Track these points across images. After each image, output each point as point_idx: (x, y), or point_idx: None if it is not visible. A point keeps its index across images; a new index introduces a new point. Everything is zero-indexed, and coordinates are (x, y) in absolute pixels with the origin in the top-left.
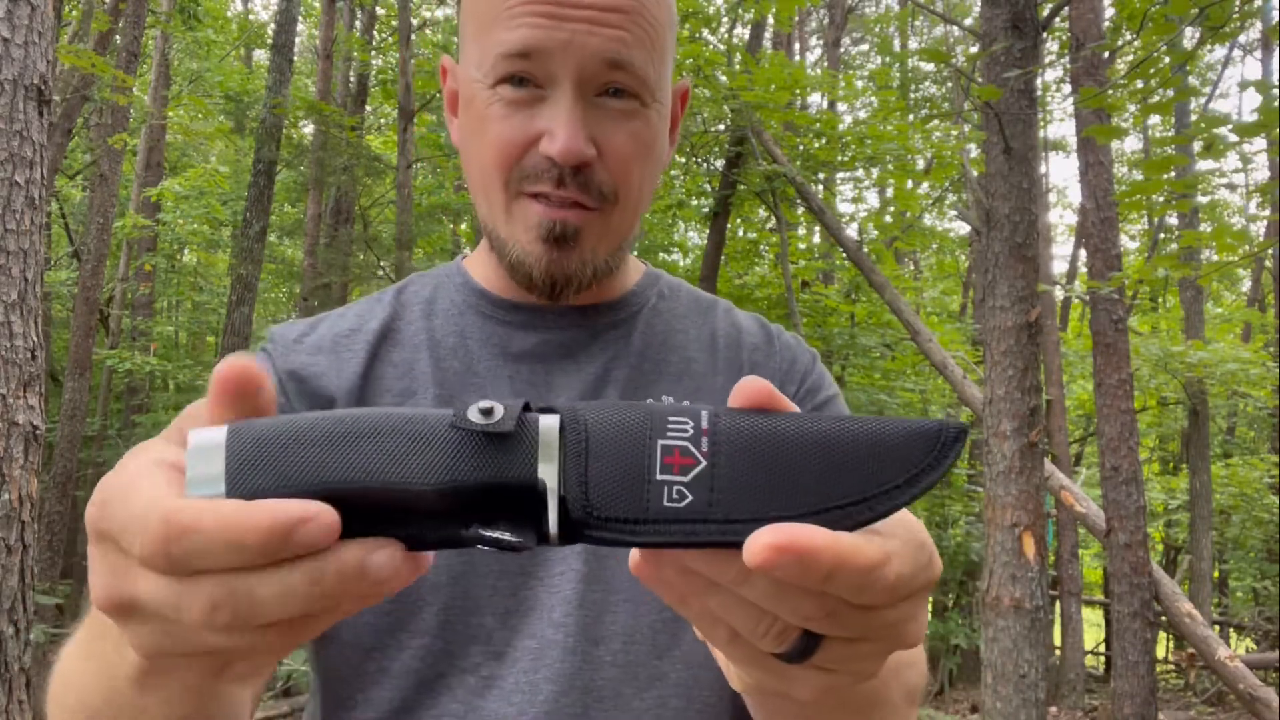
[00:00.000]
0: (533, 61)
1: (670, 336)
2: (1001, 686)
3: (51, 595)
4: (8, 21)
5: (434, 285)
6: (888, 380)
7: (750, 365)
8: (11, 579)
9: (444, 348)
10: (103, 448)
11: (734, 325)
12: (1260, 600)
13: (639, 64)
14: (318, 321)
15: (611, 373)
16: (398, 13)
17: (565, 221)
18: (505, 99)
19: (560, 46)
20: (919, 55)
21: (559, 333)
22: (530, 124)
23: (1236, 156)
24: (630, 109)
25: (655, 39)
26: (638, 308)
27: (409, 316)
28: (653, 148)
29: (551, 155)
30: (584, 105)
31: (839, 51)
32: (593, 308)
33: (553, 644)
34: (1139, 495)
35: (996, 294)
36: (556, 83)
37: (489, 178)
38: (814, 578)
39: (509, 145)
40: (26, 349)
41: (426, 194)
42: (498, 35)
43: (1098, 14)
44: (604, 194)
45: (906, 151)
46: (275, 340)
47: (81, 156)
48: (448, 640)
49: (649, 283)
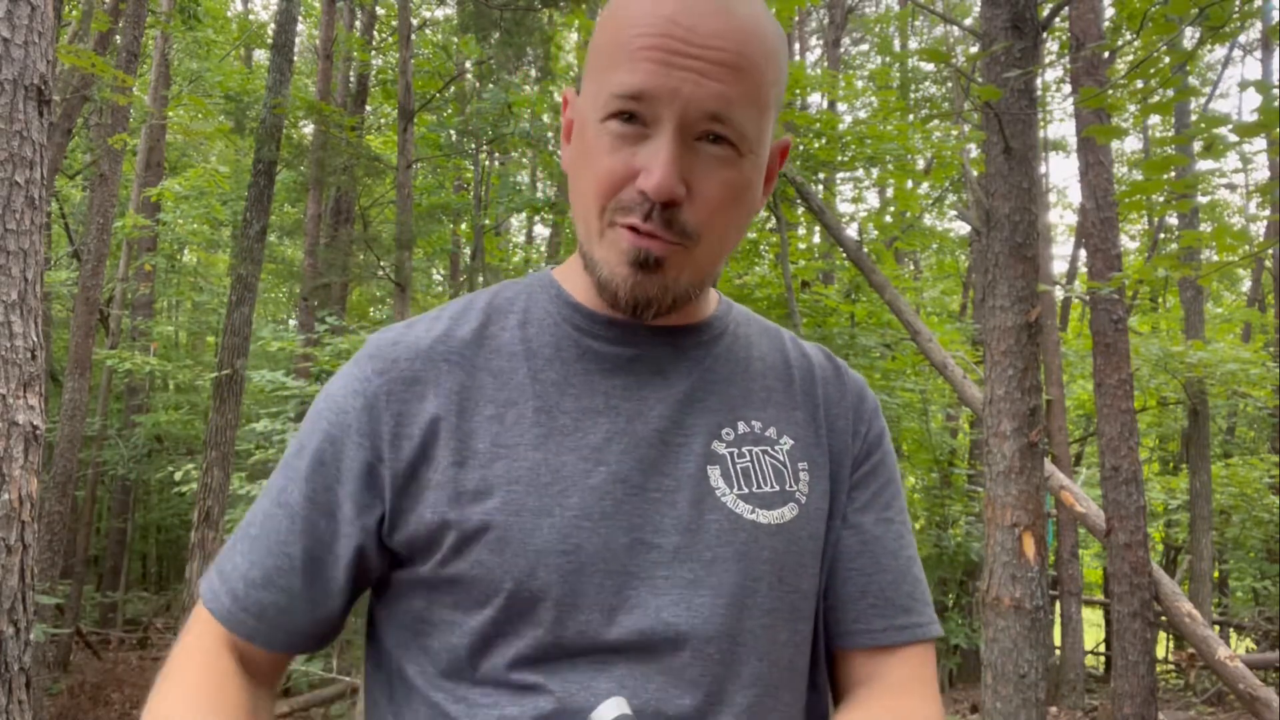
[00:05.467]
0: (642, 103)
1: (751, 363)
2: (1001, 686)
3: (51, 595)
4: (8, 21)
5: (527, 294)
6: (888, 380)
7: (825, 398)
8: (11, 579)
9: (540, 358)
10: (103, 448)
11: (804, 355)
12: (1260, 600)
13: (738, 118)
14: (414, 323)
15: (698, 391)
16: (398, 13)
17: (650, 250)
18: (613, 133)
19: (669, 93)
20: (919, 55)
21: (650, 348)
22: (631, 160)
23: (1236, 156)
24: (726, 156)
25: (759, 96)
26: (720, 331)
27: (504, 323)
28: (742, 195)
29: (645, 190)
30: (682, 148)
31: (839, 51)
32: (681, 329)
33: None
34: (1139, 495)
35: (996, 294)
36: (660, 124)
37: (589, 204)
38: None
39: (610, 176)
40: (26, 349)
41: (426, 194)
42: (615, 76)
43: (1098, 14)
44: (687, 232)
45: (906, 151)
46: (377, 352)
47: (81, 156)
48: (557, 634)
49: (726, 310)
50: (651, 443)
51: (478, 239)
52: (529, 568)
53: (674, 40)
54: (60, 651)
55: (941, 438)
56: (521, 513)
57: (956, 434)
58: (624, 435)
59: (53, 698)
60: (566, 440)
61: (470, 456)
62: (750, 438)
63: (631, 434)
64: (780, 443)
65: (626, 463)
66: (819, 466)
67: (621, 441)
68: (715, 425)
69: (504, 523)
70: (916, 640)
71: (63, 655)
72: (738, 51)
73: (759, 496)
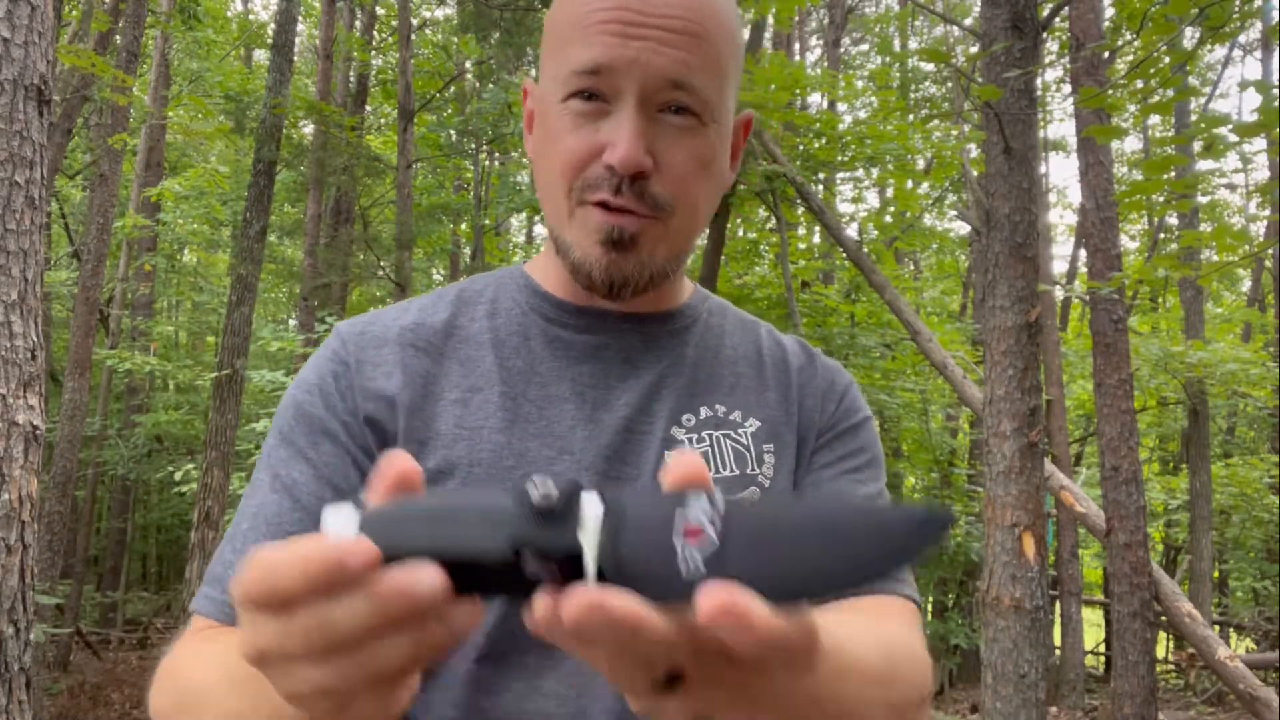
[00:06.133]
0: (601, 78)
1: (721, 350)
2: (1001, 686)
3: (51, 595)
4: (8, 21)
5: (496, 285)
6: (888, 380)
7: (799, 384)
8: (11, 579)
9: (508, 347)
10: (103, 448)
11: (778, 344)
12: (1260, 600)
13: (700, 86)
14: (381, 314)
15: (666, 379)
16: (398, 13)
17: (623, 227)
18: (574, 112)
19: (626, 64)
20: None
21: (618, 337)
22: (595, 136)
23: (1236, 156)
24: (690, 126)
25: (717, 64)
26: (692, 319)
27: (472, 314)
28: (710, 165)
29: (612, 164)
30: (645, 120)
31: (839, 51)
32: (651, 316)
33: None
34: (1139, 495)
35: (996, 294)
36: (622, 97)
37: (555, 186)
38: (745, 639)
39: (574, 155)
40: (26, 349)
41: (426, 194)
42: (573, 53)
43: (1098, 14)
44: (659, 205)
45: (906, 151)
46: (343, 337)
47: (81, 156)
48: (509, 620)
49: (700, 299)
50: (617, 430)
51: (478, 239)
52: None
53: (629, 12)
54: (60, 651)
55: (941, 438)
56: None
57: (956, 434)
58: (589, 423)
59: (53, 698)
60: (531, 427)
61: (432, 438)
62: (712, 422)
63: (597, 422)
64: (745, 426)
65: (591, 450)
66: (786, 446)
67: (587, 429)
68: (677, 411)
69: None
70: (889, 593)
71: (63, 655)
72: (694, 20)
73: (718, 482)
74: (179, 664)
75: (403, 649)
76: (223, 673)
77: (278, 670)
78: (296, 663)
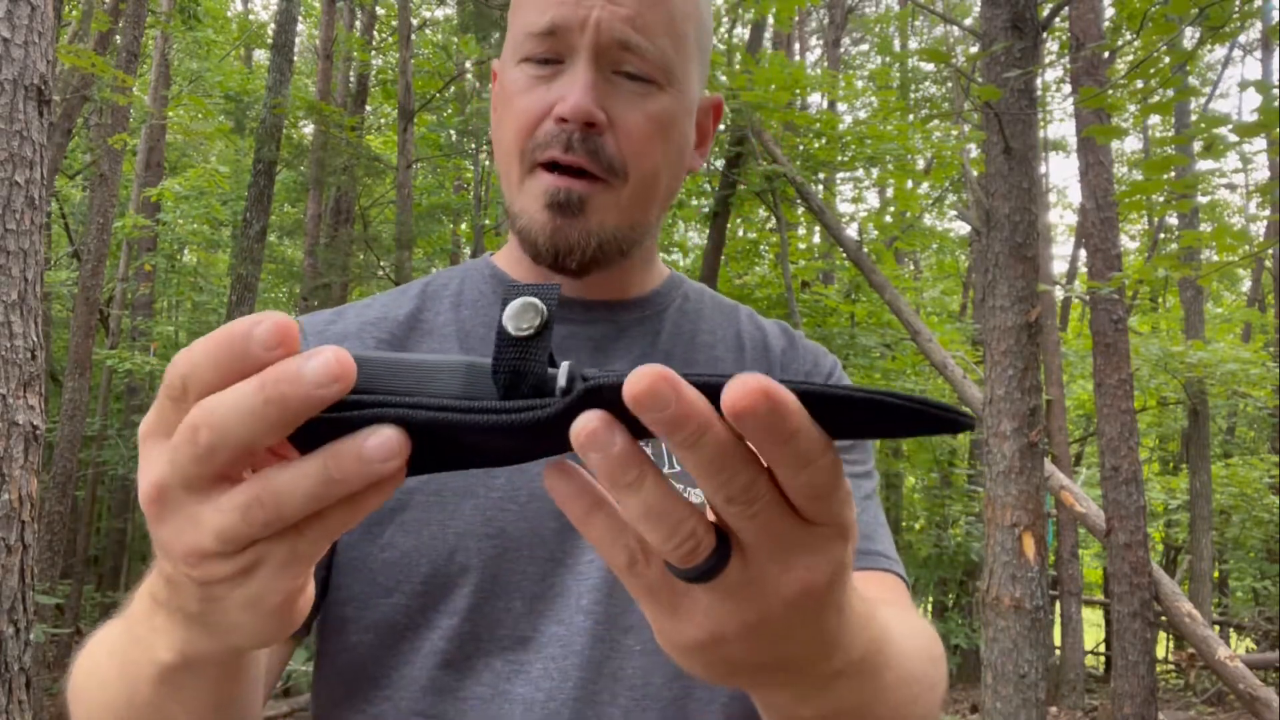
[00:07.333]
0: (555, 38)
1: (697, 336)
2: (1001, 686)
3: (51, 595)
4: (8, 21)
5: (461, 278)
6: (888, 380)
7: (781, 365)
8: (11, 579)
9: (474, 338)
10: (103, 448)
11: (758, 328)
12: (1260, 600)
13: (656, 46)
14: (344, 310)
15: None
16: (398, 13)
17: (570, 189)
18: (528, 75)
19: (579, 21)
20: (919, 55)
21: (587, 327)
22: (547, 95)
23: (1236, 156)
24: (646, 91)
25: (673, 25)
26: (664, 306)
27: (437, 307)
28: (669, 130)
29: (563, 114)
30: (599, 77)
31: (839, 51)
32: (620, 304)
33: (581, 631)
34: (1139, 495)
35: (996, 294)
36: (574, 54)
37: (509, 151)
38: (780, 432)
39: (527, 114)
40: (26, 349)
41: (426, 194)
42: (526, 17)
43: (1098, 14)
44: (613, 166)
45: (906, 151)
46: (307, 330)
47: (81, 156)
48: (475, 623)
49: (674, 285)
50: None
51: (478, 239)
52: (448, 550)
53: None
54: (60, 651)
55: (941, 438)
56: (443, 492)
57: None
58: None
59: (53, 698)
60: None
61: None
62: None
63: None
64: None
65: None
66: None
67: None
68: None
69: (423, 502)
70: (879, 569)
71: (63, 655)
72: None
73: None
74: (87, 646)
75: (313, 481)
76: (105, 646)
77: (172, 517)
78: (194, 494)
